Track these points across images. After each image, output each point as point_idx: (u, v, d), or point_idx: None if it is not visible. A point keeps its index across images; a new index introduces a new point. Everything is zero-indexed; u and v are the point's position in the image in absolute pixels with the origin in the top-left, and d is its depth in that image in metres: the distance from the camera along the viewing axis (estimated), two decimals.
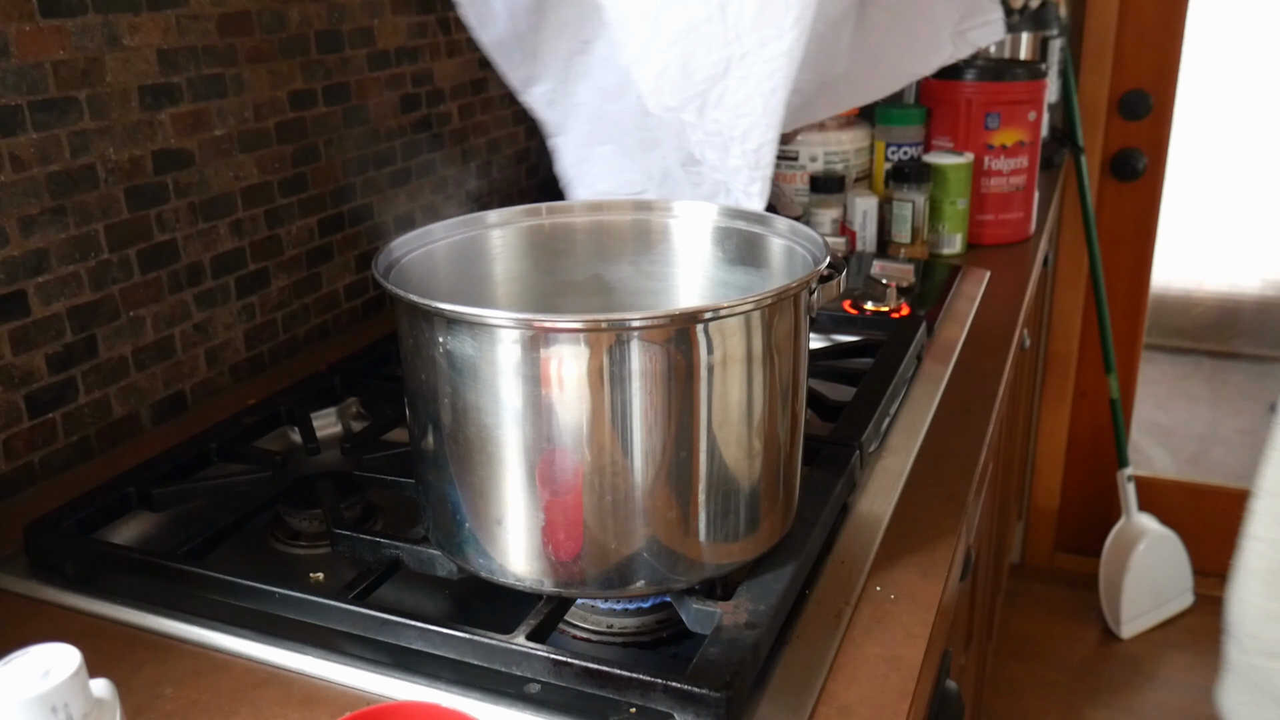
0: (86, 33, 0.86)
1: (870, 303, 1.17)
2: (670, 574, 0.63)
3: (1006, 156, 1.45)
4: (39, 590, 0.71)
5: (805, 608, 0.67)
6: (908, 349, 1.01)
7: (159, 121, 0.94)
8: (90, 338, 0.90)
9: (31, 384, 0.85)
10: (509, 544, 0.62)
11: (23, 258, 0.84)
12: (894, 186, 1.41)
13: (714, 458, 0.61)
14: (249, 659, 0.64)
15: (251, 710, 0.60)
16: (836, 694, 0.60)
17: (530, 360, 0.57)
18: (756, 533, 0.65)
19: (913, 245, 1.40)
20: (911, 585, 0.70)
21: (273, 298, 1.10)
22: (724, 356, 0.59)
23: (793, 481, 0.69)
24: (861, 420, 0.86)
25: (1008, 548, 1.69)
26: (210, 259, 1.01)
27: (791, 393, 0.65)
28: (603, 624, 0.69)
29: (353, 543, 0.73)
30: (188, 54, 0.96)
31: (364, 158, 1.20)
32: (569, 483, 0.60)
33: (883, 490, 0.82)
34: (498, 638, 0.60)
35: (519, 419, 0.59)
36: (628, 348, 0.57)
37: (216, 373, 1.03)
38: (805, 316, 0.65)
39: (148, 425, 0.96)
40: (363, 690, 0.62)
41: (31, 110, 0.83)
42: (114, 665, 0.63)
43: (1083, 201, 2.03)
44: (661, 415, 0.59)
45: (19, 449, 0.85)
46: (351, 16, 1.15)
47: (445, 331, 0.59)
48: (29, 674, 0.44)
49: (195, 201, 0.98)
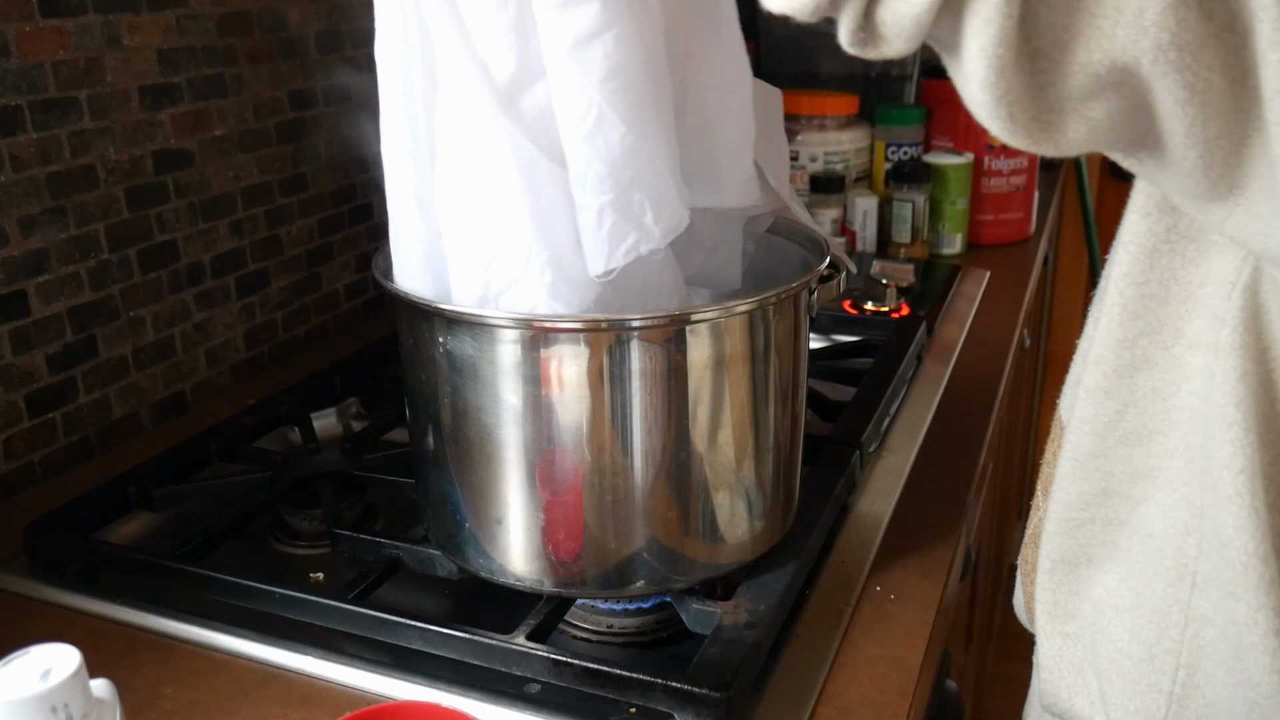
0: (86, 33, 0.86)
1: (870, 303, 1.17)
2: (670, 574, 0.63)
3: (1006, 156, 1.45)
4: (39, 590, 0.71)
5: (805, 608, 0.67)
6: (908, 349, 1.01)
7: (159, 121, 0.94)
8: (90, 338, 0.90)
9: (31, 384, 0.85)
10: (509, 544, 0.62)
11: (23, 258, 0.84)
12: (894, 186, 1.41)
13: (714, 458, 0.61)
14: (249, 659, 0.64)
15: (251, 710, 0.60)
16: (836, 694, 0.60)
17: (530, 360, 0.57)
18: (756, 533, 0.65)
19: (913, 245, 1.40)
20: (911, 585, 0.70)
21: (273, 298, 1.10)
22: (724, 356, 0.59)
23: (793, 481, 0.69)
24: (861, 420, 0.86)
25: (1008, 548, 1.69)
26: (210, 259, 1.01)
27: (791, 393, 0.65)
28: (603, 624, 0.69)
29: (353, 543, 0.73)
30: (188, 54, 0.96)
31: (364, 158, 1.20)
32: (569, 483, 0.60)
33: (883, 490, 0.82)
34: (498, 638, 0.60)
35: (519, 419, 0.59)
36: (628, 348, 0.57)
37: (216, 373, 1.03)
38: (805, 316, 0.65)
39: (148, 425, 0.96)
40: (363, 690, 0.62)
41: (31, 110, 0.83)
42: (114, 665, 0.63)
43: (1083, 201, 2.03)
44: (661, 415, 0.59)
45: (19, 449, 0.85)
46: (351, 16, 1.15)
47: (445, 331, 0.59)
48: (29, 674, 0.44)
49: (195, 201, 0.98)
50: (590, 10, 0.49)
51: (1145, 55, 0.34)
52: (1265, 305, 0.44)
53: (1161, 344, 0.48)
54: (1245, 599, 0.45)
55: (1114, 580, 0.53)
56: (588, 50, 0.50)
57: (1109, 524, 0.53)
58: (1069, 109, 0.37)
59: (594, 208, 0.53)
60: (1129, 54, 0.35)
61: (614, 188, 0.53)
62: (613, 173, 0.52)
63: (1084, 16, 0.35)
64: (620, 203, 0.53)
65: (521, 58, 0.51)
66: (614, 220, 0.53)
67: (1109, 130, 0.38)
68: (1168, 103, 0.36)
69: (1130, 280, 0.49)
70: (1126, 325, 0.49)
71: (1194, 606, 0.49)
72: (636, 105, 0.52)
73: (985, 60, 0.35)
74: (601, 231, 0.53)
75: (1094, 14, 0.35)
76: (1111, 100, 0.37)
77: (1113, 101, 0.37)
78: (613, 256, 0.54)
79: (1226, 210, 0.39)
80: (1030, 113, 0.36)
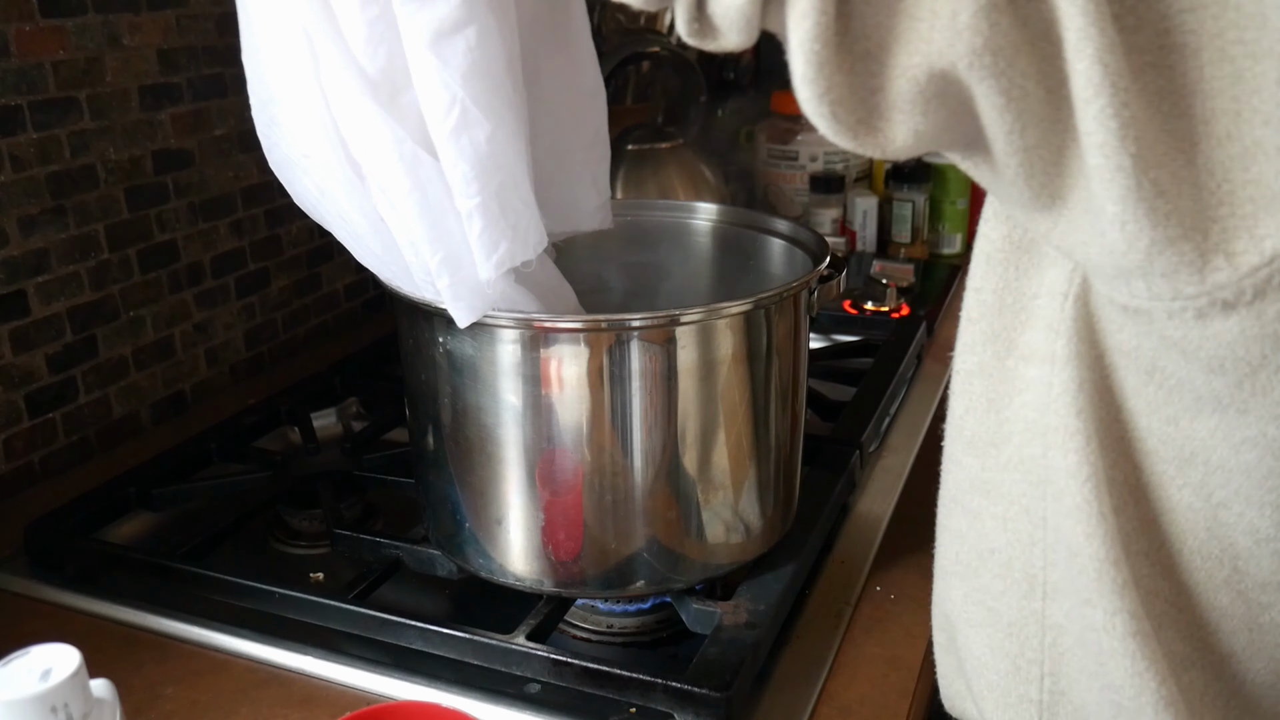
0: (86, 33, 0.86)
1: (870, 303, 1.17)
2: (670, 574, 0.63)
3: None
4: (39, 590, 0.71)
5: (805, 608, 0.67)
6: (908, 349, 1.01)
7: (159, 121, 0.94)
8: (90, 338, 0.90)
9: (31, 384, 0.85)
10: (509, 544, 0.62)
11: (23, 258, 0.84)
12: (894, 186, 1.41)
13: (714, 458, 0.61)
14: (249, 659, 0.64)
15: (251, 710, 0.60)
16: (836, 694, 0.60)
17: (530, 360, 0.57)
18: (756, 533, 0.65)
19: (913, 245, 1.40)
20: (911, 585, 0.70)
21: (273, 298, 1.10)
22: (724, 356, 0.59)
23: (793, 481, 0.69)
24: (861, 420, 0.86)
25: None
26: (210, 259, 1.01)
27: (791, 393, 0.65)
28: (603, 624, 0.69)
29: (353, 543, 0.73)
30: (188, 54, 0.96)
31: None
32: (569, 483, 0.60)
33: (883, 490, 0.82)
34: (498, 638, 0.60)
35: (519, 419, 0.59)
36: (628, 348, 0.57)
37: (216, 373, 1.03)
38: (805, 316, 0.65)
39: (148, 425, 0.96)
40: (363, 690, 0.62)
41: (31, 110, 0.83)
42: (114, 665, 0.63)
43: None
44: (661, 415, 0.59)
45: (19, 449, 0.85)
46: None
47: (445, 331, 0.59)
48: (29, 674, 0.44)
49: (195, 201, 0.98)
50: (450, 3, 0.47)
51: (960, 60, 0.34)
52: (1096, 314, 0.43)
53: (996, 354, 0.48)
54: (1101, 605, 0.44)
55: (960, 594, 0.52)
56: (450, 43, 0.48)
57: (953, 535, 0.53)
58: (894, 113, 0.36)
59: (464, 210, 0.51)
60: (945, 59, 0.34)
61: (481, 190, 0.50)
62: (479, 174, 0.50)
63: (903, 19, 0.35)
64: (488, 207, 0.51)
65: (393, 51, 0.49)
66: (483, 225, 0.51)
67: (937, 135, 0.37)
68: (987, 109, 0.36)
69: (971, 286, 0.48)
70: (966, 330, 0.49)
71: (1048, 615, 0.48)
72: (504, 105, 0.50)
73: (803, 55, 0.34)
74: (473, 235, 0.51)
75: (912, 15, 0.34)
76: (935, 106, 0.36)
77: (936, 106, 0.36)
78: (487, 263, 0.52)
79: (1051, 221, 0.39)
80: (856, 115, 0.36)
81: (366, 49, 0.49)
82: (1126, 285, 0.38)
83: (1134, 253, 0.36)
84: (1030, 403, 0.46)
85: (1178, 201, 0.35)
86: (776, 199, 1.47)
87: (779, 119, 1.47)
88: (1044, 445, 0.46)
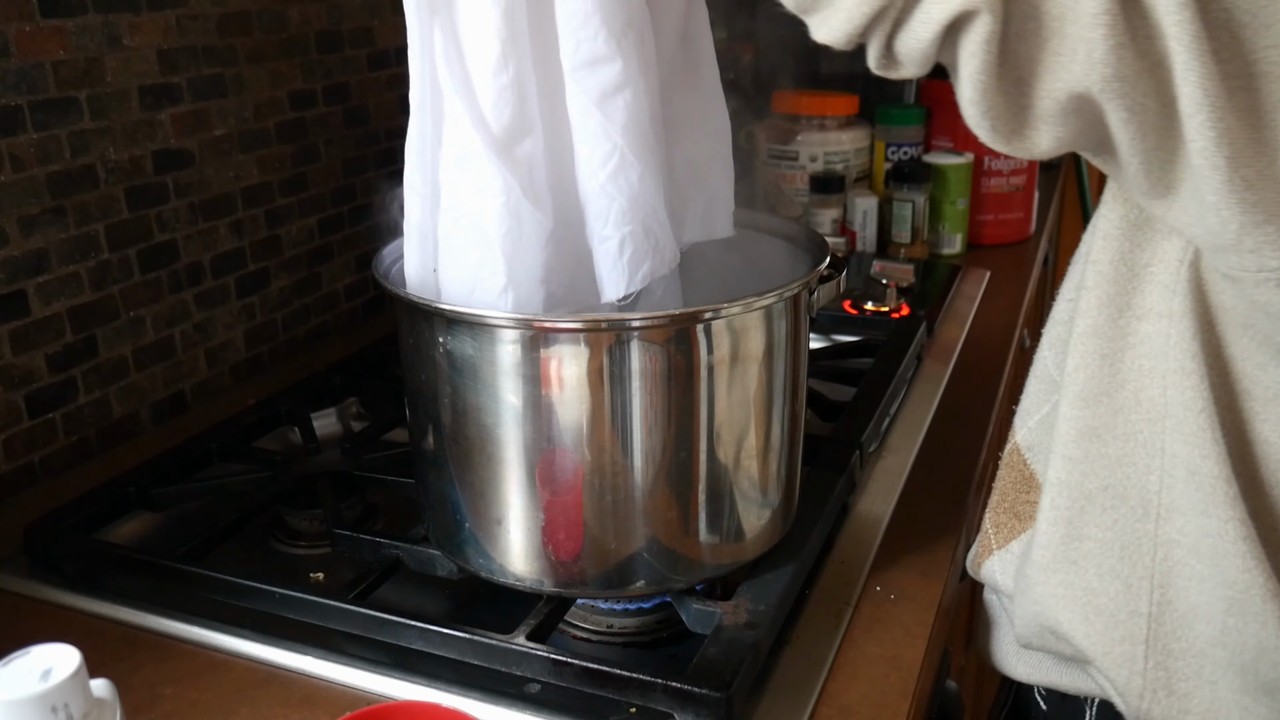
0: (86, 33, 0.86)
1: (870, 303, 1.17)
2: (670, 574, 0.63)
3: (1006, 157, 1.45)
4: (39, 590, 0.71)
5: (805, 608, 0.67)
6: (908, 349, 1.01)
7: (159, 121, 0.94)
8: (90, 338, 0.90)
9: (31, 384, 0.85)
10: (509, 544, 0.62)
11: (23, 258, 0.84)
12: (894, 186, 1.41)
13: (714, 458, 0.61)
14: (249, 659, 0.64)
15: (251, 710, 0.60)
16: (836, 694, 0.60)
17: (530, 360, 0.57)
18: (756, 533, 0.65)
19: (913, 245, 1.40)
20: (911, 585, 0.70)
21: (273, 298, 1.10)
22: (724, 356, 0.59)
23: (793, 481, 0.69)
24: (861, 420, 0.86)
25: None
26: (210, 259, 1.01)
27: (791, 393, 0.65)
28: (603, 624, 0.69)
29: (353, 543, 0.73)
30: (188, 54, 0.96)
31: (364, 158, 1.20)
32: (569, 483, 0.60)
33: (883, 490, 0.82)
34: (498, 638, 0.60)
35: (519, 419, 0.59)
36: (628, 348, 0.57)
37: (216, 373, 1.03)
38: (805, 316, 0.65)
39: (148, 425, 0.96)
40: (363, 690, 0.62)
41: (31, 110, 0.83)
42: (114, 665, 0.63)
43: (1082, 201, 2.03)
44: (661, 415, 0.59)
45: (19, 449, 0.85)
46: (351, 16, 1.15)
47: (445, 331, 0.59)
48: (29, 674, 0.44)
49: (195, 201, 0.98)
50: (614, 68, 0.58)
51: (1095, 85, 0.45)
52: (1204, 278, 0.54)
53: (1110, 316, 0.57)
54: (1216, 514, 0.53)
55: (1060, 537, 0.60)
56: (613, 102, 0.58)
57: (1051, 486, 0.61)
58: (1040, 124, 0.47)
59: (615, 239, 0.61)
60: (1083, 84, 0.45)
61: (633, 219, 0.61)
62: (632, 208, 0.60)
63: (1049, 54, 0.45)
64: (638, 233, 0.61)
65: (517, 112, 0.59)
66: (634, 249, 0.61)
67: (1073, 139, 0.48)
68: (1114, 121, 0.46)
69: (1090, 259, 0.58)
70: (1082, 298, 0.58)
71: (1161, 534, 0.57)
72: (649, 150, 0.61)
73: (972, 84, 0.46)
74: (623, 259, 0.61)
75: (1057, 52, 0.45)
76: (1072, 117, 0.46)
77: (1073, 118, 0.47)
78: (633, 281, 0.62)
79: (1166, 205, 0.49)
80: (1010, 125, 0.47)
81: (494, 110, 0.58)
82: (1223, 258, 0.48)
83: (1227, 233, 0.46)
84: (1148, 352, 0.56)
85: (1263, 194, 0.45)
86: (776, 199, 1.47)
87: (779, 119, 1.47)
88: (1163, 386, 0.55)
